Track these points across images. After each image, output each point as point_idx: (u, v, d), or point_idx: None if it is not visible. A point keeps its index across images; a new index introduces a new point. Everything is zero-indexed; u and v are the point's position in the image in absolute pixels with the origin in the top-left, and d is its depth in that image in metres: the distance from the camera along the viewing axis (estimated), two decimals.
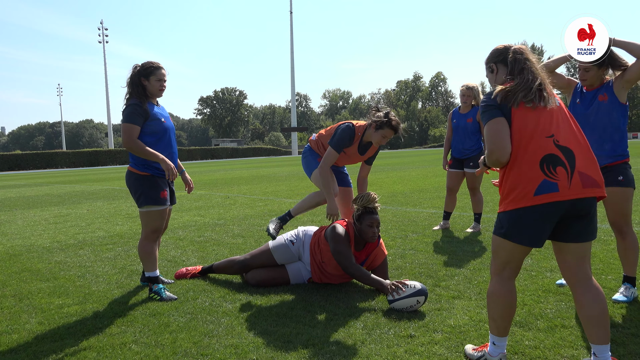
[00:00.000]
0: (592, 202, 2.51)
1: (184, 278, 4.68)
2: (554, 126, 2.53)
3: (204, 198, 12.05)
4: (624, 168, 3.71)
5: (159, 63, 4.18)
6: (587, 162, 2.52)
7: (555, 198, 2.43)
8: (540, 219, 2.47)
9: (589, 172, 2.50)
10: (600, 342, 2.51)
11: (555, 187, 2.43)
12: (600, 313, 2.51)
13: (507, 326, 2.67)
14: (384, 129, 4.31)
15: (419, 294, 3.58)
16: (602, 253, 4.95)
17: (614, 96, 3.71)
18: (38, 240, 7.02)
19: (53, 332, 3.44)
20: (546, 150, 2.48)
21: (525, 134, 2.51)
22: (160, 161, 4.00)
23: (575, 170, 2.47)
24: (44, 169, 47.49)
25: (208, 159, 61.40)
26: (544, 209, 2.45)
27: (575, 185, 2.45)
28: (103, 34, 70.17)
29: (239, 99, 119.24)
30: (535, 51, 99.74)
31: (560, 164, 2.46)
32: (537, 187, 2.45)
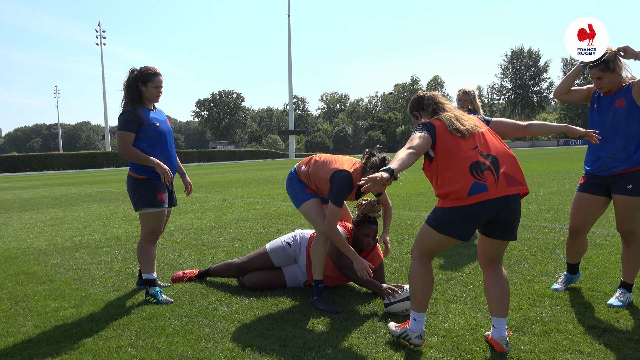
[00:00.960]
0: (516, 199, 2.91)
1: (180, 281, 4.68)
2: (477, 141, 2.96)
3: (200, 201, 12.04)
4: (636, 176, 3.61)
5: (156, 69, 4.20)
6: (510, 166, 2.92)
7: (486, 197, 2.81)
8: (472, 216, 2.85)
9: (512, 173, 2.90)
10: (499, 316, 3.00)
11: (484, 188, 2.81)
12: (502, 294, 3.03)
13: (426, 303, 3.06)
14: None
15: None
16: (597, 257, 4.97)
17: (632, 101, 3.61)
18: (34, 243, 7.00)
19: (49, 335, 3.44)
20: (473, 159, 2.88)
21: (452, 150, 2.92)
22: (155, 165, 4.05)
23: (500, 173, 2.86)
24: (41, 171, 47.38)
25: (205, 162, 61.37)
26: (477, 207, 2.82)
27: (501, 185, 2.84)
28: (100, 36, 70.16)
29: (237, 102, 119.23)
30: (533, 55, 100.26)
31: (487, 168, 2.86)
32: (469, 189, 2.82)
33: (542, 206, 8.86)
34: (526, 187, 2.94)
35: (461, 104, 6.46)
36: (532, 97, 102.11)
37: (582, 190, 3.90)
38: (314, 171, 4.11)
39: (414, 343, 3.02)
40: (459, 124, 3.01)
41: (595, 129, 3.76)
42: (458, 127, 2.99)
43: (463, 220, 2.87)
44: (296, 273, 4.38)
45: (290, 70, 69.33)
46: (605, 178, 3.75)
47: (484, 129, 3.08)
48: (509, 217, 2.91)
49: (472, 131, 3.00)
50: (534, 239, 6.01)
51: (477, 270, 4.70)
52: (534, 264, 4.88)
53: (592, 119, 3.82)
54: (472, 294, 4.03)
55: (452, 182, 2.86)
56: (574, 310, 3.60)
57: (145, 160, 4.05)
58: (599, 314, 3.52)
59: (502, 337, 2.96)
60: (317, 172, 4.08)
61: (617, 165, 3.66)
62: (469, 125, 3.02)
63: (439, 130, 3.00)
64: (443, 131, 2.99)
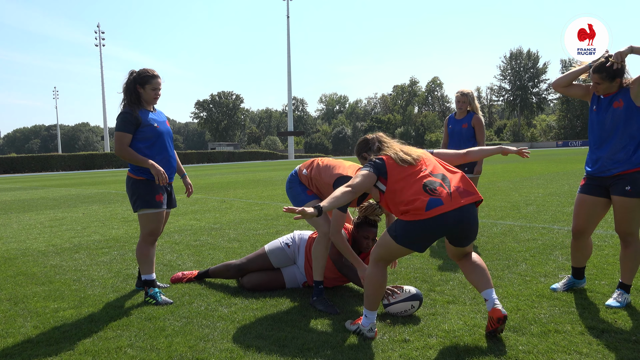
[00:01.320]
0: (472, 209, 3.14)
1: (180, 282, 4.69)
2: (425, 165, 3.27)
3: (200, 202, 12.05)
4: (635, 178, 3.61)
5: (155, 71, 4.24)
6: (459, 180, 3.21)
7: (443, 210, 3.02)
8: (430, 229, 3.05)
9: (463, 186, 3.17)
10: (485, 288, 3.25)
11: (440, 202, 3.04)
12: (480, 273, 3.31)
13: (377, 302, 3.30)
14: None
15: (413, 298, 3.60)
16: (595, 259, 4.98)
17: (631, 102, 3.60)
18: (33, 244, 7.01)
19: (48, 336, 3.44)
20: (424, 179, 3.16)
21: (403, 177, 3.19)
22: (150, 167, 4.07)
23: (451, 187, 3.12)
24: (40, 172, 47.34)
25: (204, 163, 61.36)
26: (435, 220, 3.02)
27: (455, 198, 3.07)
28: (100, 37, 70.22)
29: (236, 103, 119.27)
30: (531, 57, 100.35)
31: (439, 184, 3.13)
32: (426, 204, 3.03)
33: (540, 207, 8.88)
34: (479, 196, 3.19)
35: (460, 106, 6.47)
36: (531, 99, 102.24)
37: (582, 192, 3.91)
38: (317, 175, 4.11)
39: (367, 337, 3.23)
40: (404, 155, 3.30)
41: (595, 130, 3.78)
42: (404, 157, 3.28)
43: (421, 233, 3.08)
44: (295, 274, 4.39)
45: (290, 72, 69.38)
46: (604, 179, 3.76)
47: (429, 156, 3.42)
48: (467, 227, 3.14)
49: (418, 159, 3.29)
50: (532, 240, 6.02)
51: None
52: (533, 265, 4.89)
53: (591, 119, 3.84)
54: (470, 294, 4.04)
55: (410, 203, 3.08)
56: (573, 311, 3.61)
57: (140, 161, 4.08)
58: (598, 314, 3.53)
59: (497, 305, 3.13)
60: (319, 176, 4.09)
61: (616, 166, 3.67)
62: (415, 155, 3.33)
63: (388, 162, 3.28)
64: (391, 163, 3.28)
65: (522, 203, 9.57)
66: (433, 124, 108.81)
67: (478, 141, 6.40)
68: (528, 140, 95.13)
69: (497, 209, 8.90)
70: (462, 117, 6.49)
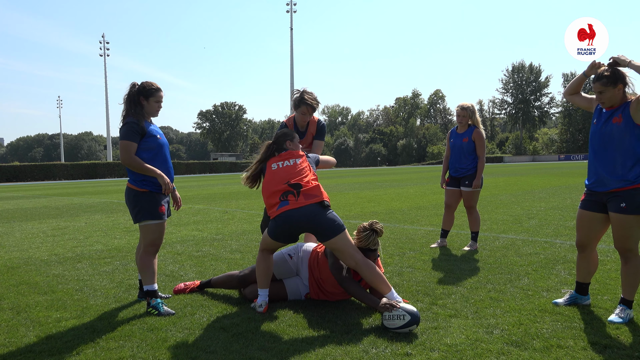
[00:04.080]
0: (314, 208, 3.95)
1: (182, 293, 4.69)
2: (289, 175, 4.15)
3: (202, 212, 12.06)
4: (631, 194, 3.62)
5: (158, 84, 4.35)
6: (310, 187, 4.04)
7: (287, 208, 3.96)
8: (282, 223, 3.97)
9: (311, 191, 4.03)
10: (386, 292, 3.89)
11: (287, 203, 3.99)
12: (371, 275, 3.90)
13: (266, 281, 4.17)
14: (301, 107, 4.99)
15: (410, 324, 3.53)
16: (598, 274, 4.97)
17: (629, 118, 3.61)
18: (36, 253, 7.02)
19: (50, 346, 3.44)
20: (282, 190, 4.06)
21: (268, 183, 4.21)
22: (158, 176, 4.16)
23: (301, 193, 4.01)
24: (42, 180, 47.43)
25: (206, 173, 61.41)
26: (283, 216, 3.96)
27: (300, 200, 3.97)
28: (104, 48, 70.65)
29: (238, 114, 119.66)
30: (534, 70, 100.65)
31: (291, 193, 4.02)
32: (278, 205, 4.02)
33: (543, 221, 8.87)
34: (322, 197, 4.01)
35: (460, 120, 6.51)
36: (533, 112, 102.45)
37: (582, 207, 3.94)
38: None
39: (257, 310, 4.04)
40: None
41: (594, 143, 3.81)
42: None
43: (278, 226, 4.00)
44: (297, 286, 4.39)
45: (292, 83, 69.67)
46: (601, 195, 3.78)
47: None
48: (311, 219, 3.92)
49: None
50: (534, 254, 6.02)
51: (479, 285, 4.70)
52: (535, 279, 4.89)
53: (592, 132, 3.87)
54: (473, 308, 4.03)
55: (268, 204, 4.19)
56: (575, 326, 3.61)
57: (147, 170, 4.14)
58: (600, 330, 3.52)
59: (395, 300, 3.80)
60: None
61: (612, 182, 3.69)
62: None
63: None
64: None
65: (524, 217, 9.56)
66: (435, 136, 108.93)
67: (478, 155, 6.43)
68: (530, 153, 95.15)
69: (499, 222, 8.89)
70: (463, 131, 6.52)
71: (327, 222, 3.93)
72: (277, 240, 4.07)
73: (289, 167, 4.23)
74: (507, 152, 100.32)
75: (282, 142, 4.50)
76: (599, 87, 3.67)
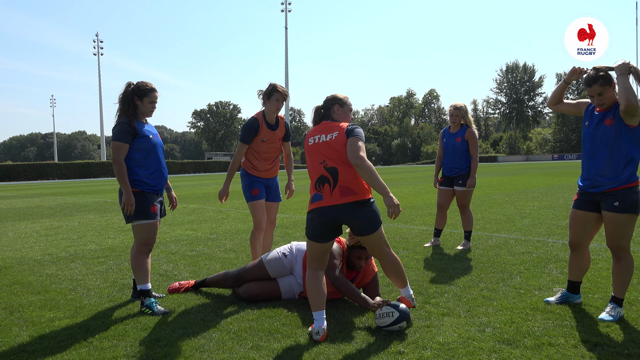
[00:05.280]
0: (350, 206, 3.53)
1: (177, 292, 4.70)
2: (324, 154, 3.62)
3: (196, 212, 12.05)
4: (623, 194, 3.66)
5: (152, 84, 4.35)
6: (347, 178, 3.54)
7: (320, 204, 3.56)
8: (315, 221, 3.59)
9: (349, 184, 3.53)
10: (401, 286, 3.94)
11: (320, 198, 3.56)
12: (395, 269, 3.84)
13: (321, 302, 3.58)
14: (274, 94, 4.90)
15: (399, 320, 3.56)
16: (589, 272, 5.01)
17: (620, 120, 3.63)
18: (29, 253, 7.00)
19: (44, 346, 3.44)
20: (319, 173, 3.61)
21: (308, 163, 3.71)
22: (125, 192, 4.14)
23: (337, 185, 3.53)
24: (36, 180, 47.19)
25: (201, 173, 61.30)
26: (316, 212, 3.58)
27: (335, 194, 3.52)
28: (98, 46, 70.33)
29: (233, 113, 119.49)
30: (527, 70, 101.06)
31: (327, 181, 3.56)
32: (312, 195, 3.61)
33: (535, 220, 8.92)
34: (359, 196, 3.57)
35: (453, 119, 6.54)
36: (527, 112, 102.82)
37: (575, 207, 3.97)
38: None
39: (314, 339, 3.44)
40: None
41: (587, 145, 3.84)
42: None
43: (310, 224, 3.66)
44: (291, 284, 4.41)
45: (287, 82, 69.59)
46: (594, 195, 3.82)
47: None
48: (349, 216, 3.58)
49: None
50: (527, 253, 6.06)
51: (471, 284, 4.73)
52: (527, 278, 4.92)
53: (584, 134, 3.90)
54: (465, 307, 4.06)
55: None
56: (566, 324, 3.64)
57: (123, 182, 4.14)
58: (591, 328, 3.56)
59: (409, 296, 3.93)
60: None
61: (605, 183, 3.73)
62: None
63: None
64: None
65: (517, 216, 9.61)
66: (430, 135, 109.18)
67: (471, 154, 6.46)
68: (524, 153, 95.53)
69: (492, 221, 8.94)
70: (456, 130, 6.55)
71: (364, 219, 3.58)
72: (316, 240, 3.61)
73: (325, 145, 3.64)
74: (501, 151, 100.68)
75: (329, 107, 3.83)
76: (598, 88, 3.65)
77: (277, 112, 5.04)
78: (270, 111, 5.00)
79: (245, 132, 4.97)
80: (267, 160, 5.12)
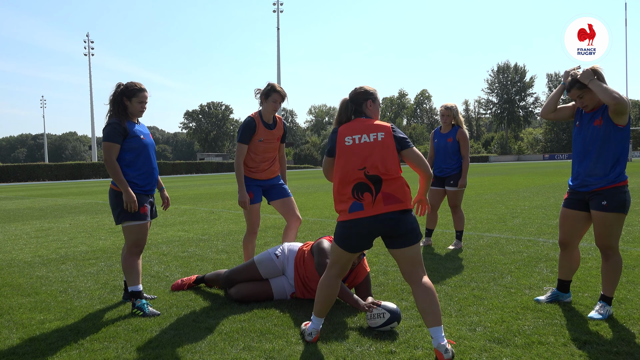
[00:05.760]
0: (393, 215, 3.15)
1: (181, 289, 4.77)
2: (366, 158, 3.22)
3: (188, 213, 12.01)
4: (611, 193, 3.70)
5: (142, 85, 4.33)
6: (393, 184, 3.19)
7: (361, 215, 3.16)
8: (352, 232, 3.20)
9: (394, 191, 3.18)
10: (432, 325, 3.09)
11: (361, 208, 3.16)
12: (429, 304, 3.12)
13: (324, 310, 3.42)
14: (272, 94, 4.89)
15: (391, 320, 3.58)
16: (579, 271, 5.05)
17: (609, 120, 3.67)
18: (19, 255, 6.95)
19: (34, 348, 3.42)
20: (356, 180, 3.20)
21: (342, 165, 3.26)
22: (124, 191, 4.13)
23: (380, 192, 3.16)
24: (26, 181, 46.81)
25: (193, 173, 61.08)
26: (355, 223, 3.17)
27: (377, 203, 3.15)
28: (89, 47, 69.90)
29: (225, 114, 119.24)
30: (518, 71, 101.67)
31: (367, 189, 3.18)
32: (349, 205, 3.20)
33: (526, 220, 8.98)
34: (406, 205, 3.21)
35: (444, 120, 6.58)
36: (518, 112, 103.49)
37: (565, 206, 4.01)
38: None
39: (305, 339, 3.40)
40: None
41: (577, 145, 3.88)
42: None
43: (346, 234, 3.26)
44: (283, 285, 4.41)
45: (279, 83, 69.39)
46: (584, 194, 3.86)
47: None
48: (391, 226, 3.20)
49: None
50: (518, 253, 6.10)
51: (462, 283, 4.76)
52: (518, 277, 4.96)
53: (574, 135, 3.94)
54: (456, 306, 4.08)
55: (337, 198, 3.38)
56: (556, 323, 3.67)
57: (119, 180, 4.13)
58: (580, 326, 3.59)
59: (441, 346, 3.01)
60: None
61: (593, 182, 3.77)
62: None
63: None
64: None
65: (508, 215, 9.67)
66: (422, 136, 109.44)
67: (462, 155, 6.50)
68: (515, 153, 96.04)
69: (484, 221, 8.99)
70: (447, 131, 6.58)
71: (404, 231, 3.18)
72: (348, 250, 3.25)
73: (368, 146, 3.24)
74: (493, 151, 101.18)
75: (360, 103, 3.42)
76: (577, 92, 3.72)
77: (274, 112, 5.01)
78: (267, 111, 4.97)
79: (243, 132, 4.91)
80: (266, 161, 5.07)
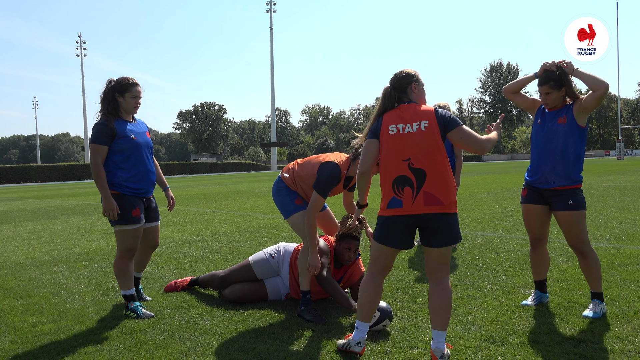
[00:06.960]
0: (432, 217, 3.01)
1: (175, 291, 4.72)
2: (411, 149, 3.05)
3: (182, 214, 11.97)
4: (574, 192, 3.79)
5: (134, 79, 4.15)
6: (436, 181, 3.02)
7: (399, 212, 3.04)
8: (389, 228, 3.08)
9: (436, 191, 3.01)
10: (437, 328, 3.02)
11: (400, 205, 3.03)
12: (440, 306, 3.06)
13: (369, 313, 3.16)
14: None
15: (382, 319, 3.57)
16: (573, 269, 5.07)
17: (573, 119, 3.75)
18: (11, 257, 6.89)
19: (27, 351, 3.39)
20: (399, 172, 3.06)
21: (384, 156, 3.13)
22: (103, 197, 3.97)
23: (422, 190, 3.00)
24: (18, 183, 46.51)
25: (187, 174, 60.92)
26: (392, 220, 3.06)
27: (418, 202, 3.00)
28: (81, 47, 69.68)
29: (219, 114, 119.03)
30: (511, 70, 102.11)
31: (408, 184, 3.02)
32: (389, 200, 3.08)
33: (520, 219, 8.99)
34: (446, 208, 3.05)
35: None
36: (511, 111, 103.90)
37: (527, 202, 4.05)
38: (299, 172, 4.13)
39: (352, 350, 3.12)
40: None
41: (539, 143, 3.91)
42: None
43: (386, 229, 3.14)
44: (278, 285, 4.40)
45: (273, 83, 69.53)
46: (543, 191, 3.91)
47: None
48: (429, 226, 3.06)
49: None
50: (512, 252, 6.11)
51: (457, 283, 4.76)
52: (512, 276, 4.97)
53: (535, 132, 3.97)
54: (452, 306, 4.07)
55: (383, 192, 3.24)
56: (551, 321, 3.68)
57: (102, 186, 3.96)
58: (575, 325, 3.60)
59: (438, 350, 2.96)
60: (302, 172, 4.11)
61: (555, 180, 3.81)
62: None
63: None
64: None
65: (502, 214, 9.69)
66: None
67: (456, 154, 6.50)
68: (509, 152, 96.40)
69: (478, 220, 9.01)
70: None
71: (442, 232, 3.03)
72: (390, 245, 3.11)
73: (411, 136, 3.06)
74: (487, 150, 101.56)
75: (404, 88, 3.21)
76: (547, 89, 3.77)
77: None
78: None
79: (327, 186, 3.99)
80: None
